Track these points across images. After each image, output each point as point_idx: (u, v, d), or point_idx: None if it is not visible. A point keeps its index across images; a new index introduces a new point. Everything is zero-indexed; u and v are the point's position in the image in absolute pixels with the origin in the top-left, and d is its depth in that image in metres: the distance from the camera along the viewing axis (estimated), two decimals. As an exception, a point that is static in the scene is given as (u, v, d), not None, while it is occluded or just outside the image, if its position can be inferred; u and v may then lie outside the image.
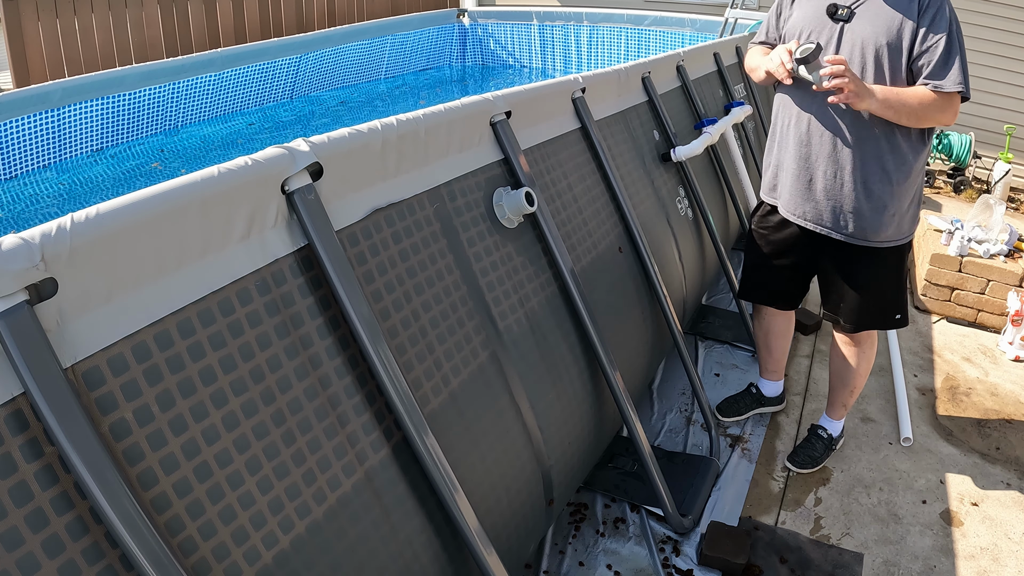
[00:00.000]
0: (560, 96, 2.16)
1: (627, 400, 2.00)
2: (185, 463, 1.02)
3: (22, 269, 0.86)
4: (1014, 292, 3.36)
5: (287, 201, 1.22)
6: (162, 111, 3.26)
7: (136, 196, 1.00)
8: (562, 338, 1.87)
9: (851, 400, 2.50)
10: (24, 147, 2.74)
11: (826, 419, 2.57)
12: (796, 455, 2.49)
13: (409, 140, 1.49)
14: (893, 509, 2.34)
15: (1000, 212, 3.57)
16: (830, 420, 2.55)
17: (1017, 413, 2.87)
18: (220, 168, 1.11)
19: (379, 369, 1.29)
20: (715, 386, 2.93)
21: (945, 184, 5.62)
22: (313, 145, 1.25)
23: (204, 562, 1.01)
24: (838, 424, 2.56)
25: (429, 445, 1.34)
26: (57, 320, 0.91)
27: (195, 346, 1.06)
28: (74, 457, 0.88)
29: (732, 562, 2.03)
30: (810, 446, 2.51)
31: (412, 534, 1.33)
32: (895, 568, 2.12)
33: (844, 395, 2.49)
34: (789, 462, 2.48)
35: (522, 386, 1.69)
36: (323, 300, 1.27)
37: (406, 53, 4.78)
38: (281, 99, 3.94)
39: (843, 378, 2.46)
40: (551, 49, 5.03)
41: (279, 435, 1.15)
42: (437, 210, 1.59)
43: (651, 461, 2.08)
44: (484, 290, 1.67)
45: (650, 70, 2.83)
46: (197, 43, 4.60)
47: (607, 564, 2.07)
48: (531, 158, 1.97)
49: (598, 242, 2.19)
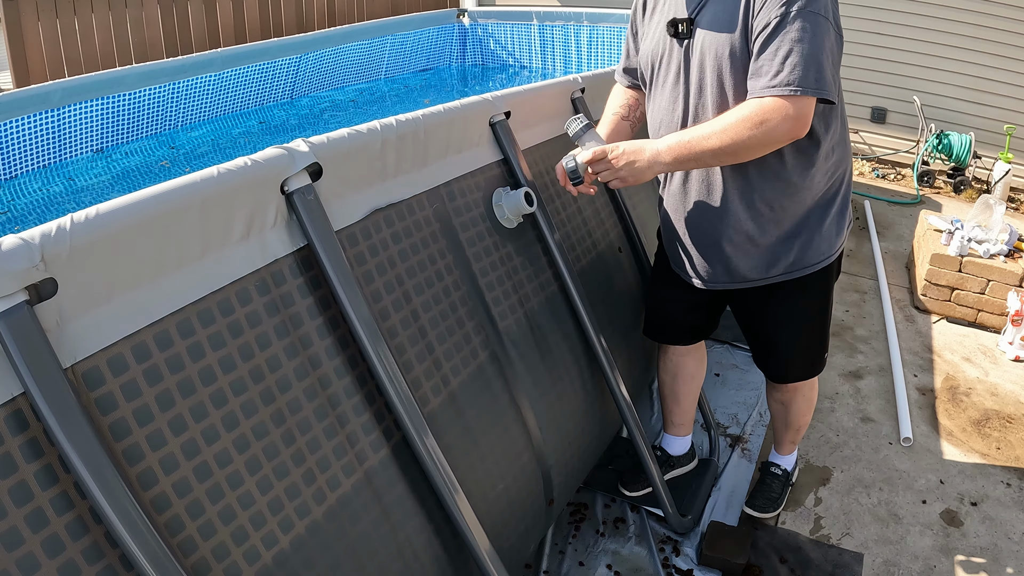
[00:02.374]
0: (560, 96, 2.17)
1: (627, 400, 2.00)
2: (185, 463, 1.02)
3: (22, 269, 0.86)
4: (1014, 292, 3.36)
5: (287, 201, 1.22)
6: (162, 111, 3.26)
7: (136, 196, 1.00)
8: (562, 338, 1.87)
9: (799, 436, 2.29)
10: (24, 147, 2.74)
11: (776, 455, 2.35)
12: (755, 499, 2.24)
13: (408, 140, 1.49)
14: (893, 509, 2.34)
15: (1000, 212, 3.57)
16: (780, 456, 2.34)
17: (1017, 413, 2.87)
18: (220, 168, 1.11)
19: (379, 369, 1.29)
20: (715, 386, 2.93)
21: (945, 184, 5.62)
22: (312, 145, 1.25)
23: (204, 562, 1.02)
24: (790, 458, 2.34)
25: (429, 445, 1.34)
26: (57, 320, 0.91)
27: (195, 346, 1.07)
28: (74, 457, 0.88)
29: (732, 562, 2.03)
30: (767, 487, 2.28)
31: (412, 534, 1.34)
32: (895, 568, 2.12)
33: (791, 434, 2.26)
34: (748, 507, 2.23)
35: (522, 386, 1.69)
36: (322, 300, 1.28)
37: (406, 53, 4.78)
38: (281, 99, 3.94)
39: (785, 421, 2.22)
40: (551, 49, 5.03)
41: (279, 435, 1.15)
42: (436, 210, 1.59)
43: (651, 461, 2.08)
44: (484, 290, 1.67)
45: (650, 70, 2.83)
46: (197, 43, 4.60)
47: (607, 564, 2.07)
48: (531, 158, 1.97)
49: (598, 242, 2.19)
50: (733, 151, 1.56)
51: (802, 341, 1.97)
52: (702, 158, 1.59)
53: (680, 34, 1.67)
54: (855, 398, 2.92)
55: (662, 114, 1.79)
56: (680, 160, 1.60)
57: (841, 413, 2.82)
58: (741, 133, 1.53)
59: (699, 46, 1.64)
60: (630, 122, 1.98)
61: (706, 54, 1.62)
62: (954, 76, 5.50)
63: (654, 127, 1.83)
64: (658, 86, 1.79)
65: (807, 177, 1.71)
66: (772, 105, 1.50)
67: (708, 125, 1.58)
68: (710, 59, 1.62)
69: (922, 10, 5.41)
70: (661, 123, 1.79)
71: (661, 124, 1.79)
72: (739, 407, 2.80)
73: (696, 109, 1.69)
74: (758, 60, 1.53)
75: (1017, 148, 5.35)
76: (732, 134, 1.53)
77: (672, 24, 1.67)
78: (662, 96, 1.78)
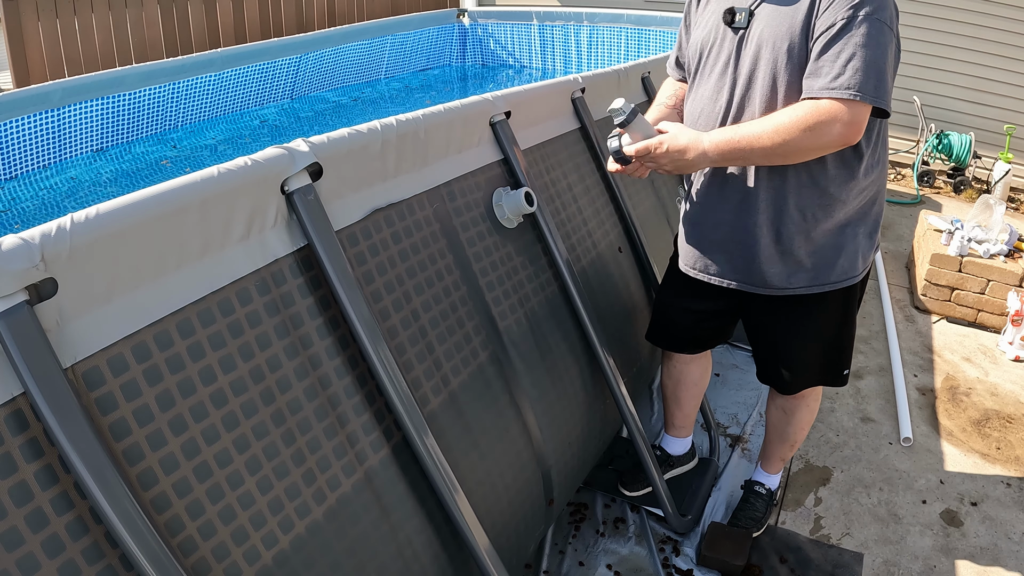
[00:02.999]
0: (560, 96, 2.17)
1: (627, 400, 2.00)
2: (185, 463, 1.02)
3: (22, 269, 0.86)
4: (1014, 292, 3.36)
5: (287, 201, 1.22)
6: (162, 111, 3.27)
7: (136, 196, 1.00)
8: (562, 338, 1.87)
9: (791, 453, 2.19)
10: (24, 147, 2.75)
11: (762, 473, 2.25)
12: (738, 519, 2.18)
13: (409, 140, 1.49)
14: (893, 509, 2.34)
15: (1000, 212, 3.57)
16: (767, 475, 2.25)
17: (1017, 413, 2.87)
18: (220, 168, 1.11)
19: (379, 369, 1.29)
20: (715, 386, 2.93)
21: (945, 184, 5.62)
22: (313, 145, 1.25)
23: (204, 562, 1.02)
24: (775, 478, 2.25)
25: (429, 445, 1.34)
26: (57, 320, 0.91)
27: (195, 346, 1.06)
28: (74, 457, 0.88)
29: (731, 563, 2.03)
30: (750, 507, 2.20)
31: (412, 534, 1.34)
32: (895, 568, 2.12)
33: (784, 450, 2.17)
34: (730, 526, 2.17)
35: (522, 386, 1.69)
36: (323, 300, 1.27)
37: (406, 53, 4.78)
38: (281, 99, 3.94)
39: (782, 434, 2.12)
40: (551, 49, 5.03)
41: (279, 435, 1.15)
42: (437, 210, 1.59)
43: (651, 461, 2.08)
44: (484, 290, 1.67)
45: (650, 70, 2.83)
46: (197, 43, 4.60)
47: (607, 564, 2.07)
48: (531, 158, 1.97)
49: (598, 242, 2.19)
50: (783, 152, 1.53)
51: (810, 356, 1.91)
52: (751, 157, 1.57)
53: (736, 23, 1.63)
54: (855, 398, 2.92)
55: (702, 103, 1.74)
56: (727, 158, 1.59)
57: (841, 413, 2.82)
58: (793, 134, 1.50)
59: (755, 37, 1.60)
60: (679, 112, 1.94)
61: (762, 46, 1.59)
62: (954, 76, 5.50)
63: (692, 116, 1.79)
64: (703, 76, 1.75)
65: (845, 190, 1.67)
66: (827, 108, 1.48)
67: (759, 124, 1.55)
68: (767, 52, 1.58)
69: (922, 10, 5.41)
70: (701, 113, 1.75)
71: (700, 114, 1.75)
72: (739, 407, 2.80)
73: (741, 101, 1.65)
74: (818, 60, 1.49)
75: (1017, 148, 5.35)
76: (784, 135, 1.50)
77: (729, 12, 1.64)
78: (705, 86, 1.74)
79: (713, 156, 1.58)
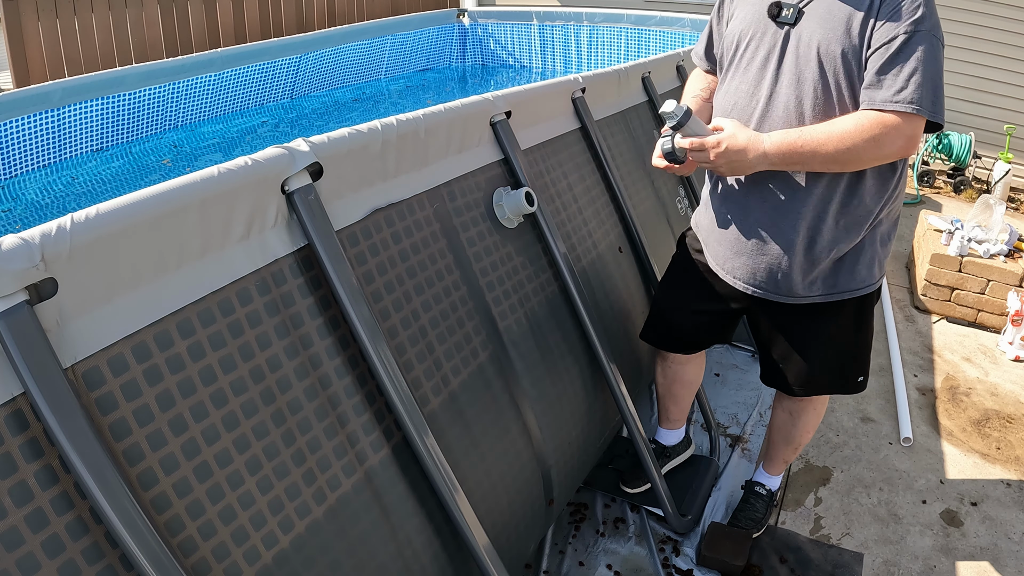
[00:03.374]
0: (560, 96, 2.17)
1: (627, 400, 2.00)
2: (185, 463, 1.02)
3: (22, 269, 0.86)
4: (1014, 292, 3.36)
5: (287, 201, 1.22)
6: (162, 111, 3.27)
7: (136, 196, 1.00)
8: (562, 338, 1.87)
9: (794, 456, 2.18)
10: (24, 147, 2.75)
11: (763, 474, 2.24)
12: (737, 519, 2.18)
13: (409, 140, 1.49)
14: (893, 509, 2.34)
15: (1000, 212, 3.57)
16: (768, 476, 2.23)
17: (1017, 413, 2.87)
18: (220, 168, 1.11)
19: (379, 369, 1.29)
20: (715, 386, 2.93)
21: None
22: (313, 145, 1.25)
23: (204, 562, 1.01)
24: (777, 479, 2.24)
25: (429, 445, 1.34)
26: (57, 320, 0.91)
27: (195, 346, 1.06)
28: (74, 457, 0.88)
29: (731, 563, 2.03)
30: (750, 508, 2.20)
31: (412, 534, 1.34)
32: (895, 568, 2.12)
33: (787, 452, 2.15)
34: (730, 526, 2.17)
35: (522, 386, 1.69)
36: (323, 300, 1.27)
37: (406, 53, 4.78)
38: (281, 99, 3.94)
39: (787, 436, 2.10)
40: (551, 49, 5.03)
41: (279, 435, 1.15)
42: (437, 210, 1.59)
43: (651, 461, 2.08)
44: (484, 290, 1.67)
45: (650, 70, 2.83)
46: (197, 43, 4.60)
47: (607, 564, 2.07)
48: (531, 158, 1.97)
49: (598, 242, 2.19)
50: (844, 160, 1.54)
51: (825, 363, 1.87)
52: (810, 162, 1.56)
53: (783, 18, 1.61)
54: (855, 398, 2.92)
55: (737, 96, 1.71)
56: (786, 161, 1.57)
57: (841, 413, 2.82)
58: (857, 143, 1.51)
59: (804, 36, 1.58)
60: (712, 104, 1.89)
61: (812, 47, 1.57)
62: (954, 76, 5.50)
63: (725, 108, 1.75)
64: (739, 67, 1.72)
65: (877, 202, 1.67)
66: (892, 120, 1.49)
67: (823, 130, 1.54)
68: (820, 53, 1.56)
69: (922, 10, 5.40)
70: (735, 105, 1.72)
71: (735, 106, 1.72)
72: (739, 407, 2.80)
73: (786, 99, 1.62)
74: (880, 72, 1.50)
75: (1017, 148, 5.35)
76: (849, 142, 1.51)
77: (776, 5, 1.61)
78: (742, 78, 1.70)
79: (774, 158, 1.57)
